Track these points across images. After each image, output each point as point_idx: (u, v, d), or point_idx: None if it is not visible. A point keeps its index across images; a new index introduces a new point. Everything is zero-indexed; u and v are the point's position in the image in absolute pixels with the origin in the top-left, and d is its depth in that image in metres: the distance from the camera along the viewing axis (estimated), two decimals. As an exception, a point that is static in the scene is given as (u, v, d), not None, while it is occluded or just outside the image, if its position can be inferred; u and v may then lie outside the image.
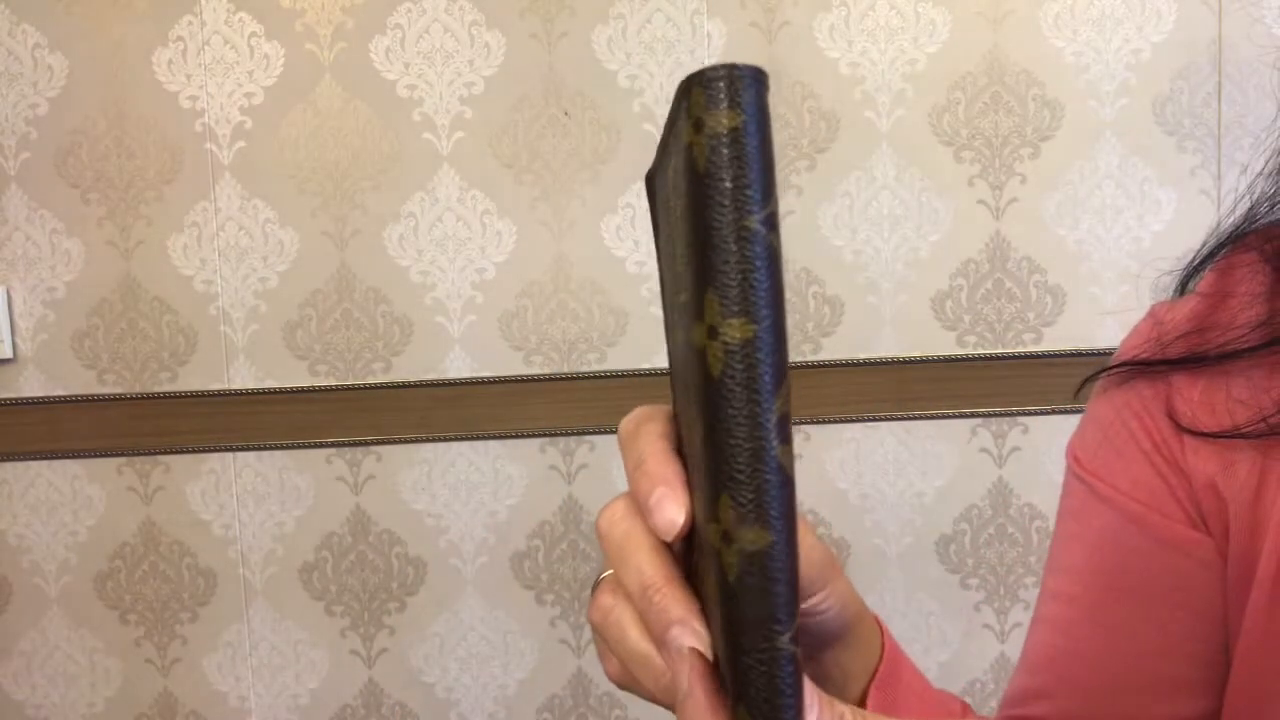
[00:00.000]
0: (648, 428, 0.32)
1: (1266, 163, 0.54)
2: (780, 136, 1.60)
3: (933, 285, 1.62)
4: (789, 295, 1.62)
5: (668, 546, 0.31)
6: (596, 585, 0.34)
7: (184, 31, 1.61)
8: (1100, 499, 0.55)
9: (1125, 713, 0.54)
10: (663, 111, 1.60)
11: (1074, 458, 0.57)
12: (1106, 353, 1.62)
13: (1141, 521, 0.53)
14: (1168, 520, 0.53)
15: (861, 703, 0.44)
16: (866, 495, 1.65)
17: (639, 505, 0.31)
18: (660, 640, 0.30)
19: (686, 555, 0.32)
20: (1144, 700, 0.54)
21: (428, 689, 1.70)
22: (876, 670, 0.44)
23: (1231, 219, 0.55)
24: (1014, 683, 0.60)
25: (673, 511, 0.30)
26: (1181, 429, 0.52)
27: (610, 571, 0.34)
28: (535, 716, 1.70)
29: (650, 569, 0.31)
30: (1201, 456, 0.52)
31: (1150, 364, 0.54)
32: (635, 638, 0.32)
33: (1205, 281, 0.55)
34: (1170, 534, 0.53)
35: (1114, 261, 1.61)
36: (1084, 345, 1.62)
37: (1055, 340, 1.63)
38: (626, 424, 0.33)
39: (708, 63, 1.59)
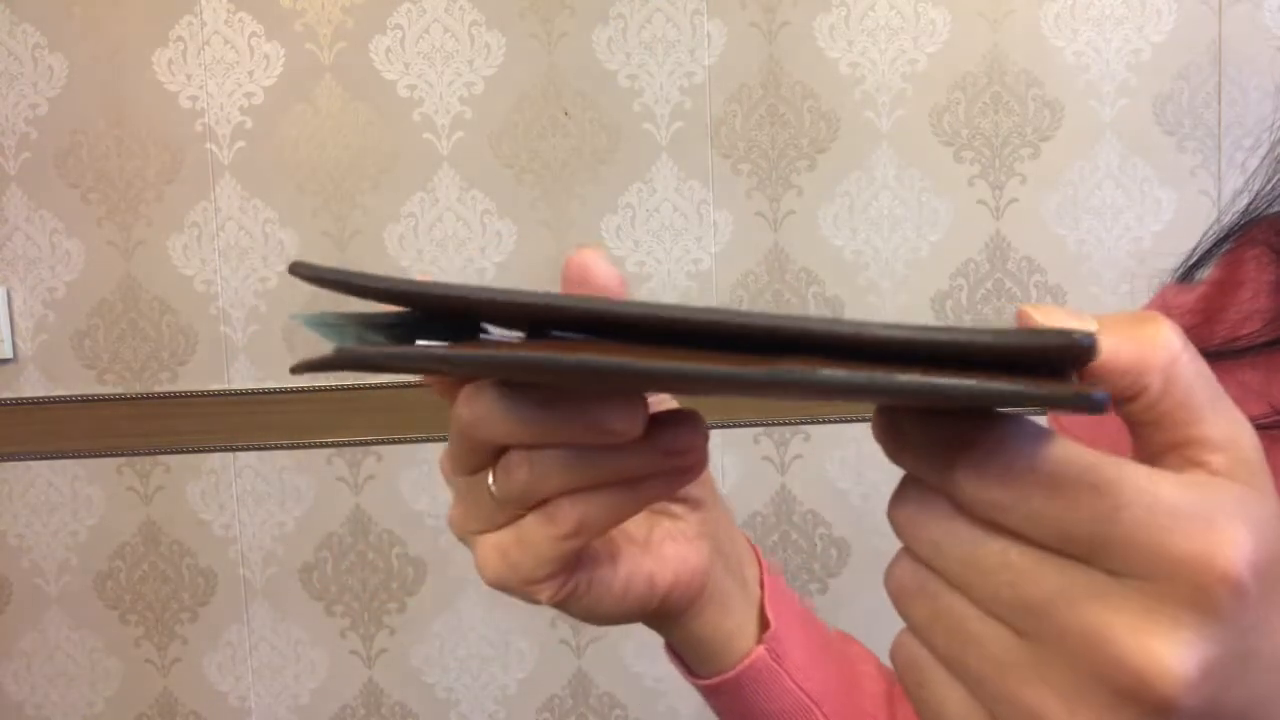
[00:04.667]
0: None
1: (1265, 156, 0.54)
2: (780, 136, 1.60)
3: (933, 285, 1.62)
4: (788, 296, 1.62)
5: None
6: None
7: (184, 31, 1.61)
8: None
9: None
10: (663, 111, 1.60)
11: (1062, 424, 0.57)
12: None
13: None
14: None
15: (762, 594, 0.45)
16: (867, 495, 1.65)
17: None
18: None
19: None
20: None
21: (428, 689, 1.70)
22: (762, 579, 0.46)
23: (1232, 213, 0.55)
24: None
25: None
26: None
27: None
28: (535, 716, 1.70)
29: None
30: None
31: None
32: None
33: (1214, 271, 0.54)
34: None
35: (1114, 261, 1.61)
36: (1084, 345, 1.62)
37: (1055, 340, 1.62)
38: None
39: (708, 63, 1.59)
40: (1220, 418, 0.25)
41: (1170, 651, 0.22)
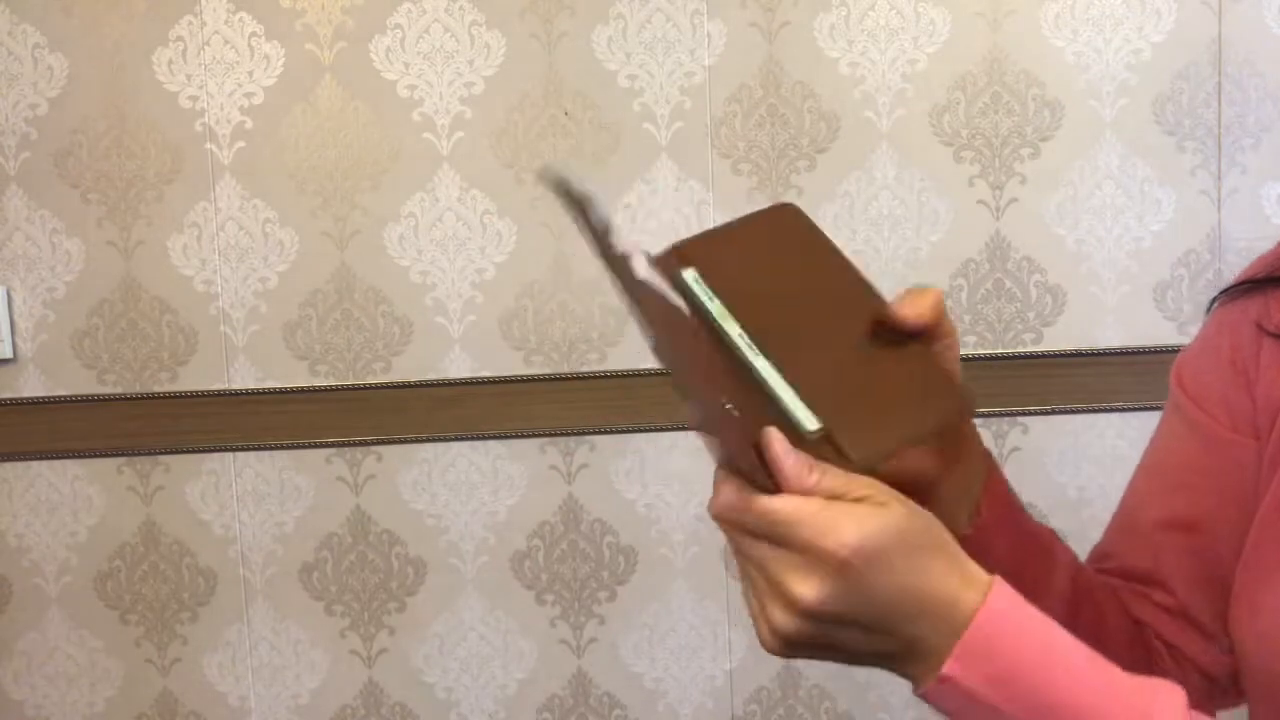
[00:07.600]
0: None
1: None
2: (780, 136, 1.60)
3: (933, 285, 1.62)
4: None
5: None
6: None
7: (184, 31, 1.61)
8: (1175, 407, 0.65)
9: (1150, 547, 0.65)
10: (663, 111, 1.60)
11: (1175, 373, 0.66)
12: (1107, 352, 1.62)
13: (1197, 425, 0.63)
14: (1215, 423, 0.62)
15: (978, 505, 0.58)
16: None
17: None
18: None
19: None
20: (1168, 536, 0.64)
21: (428, 689, 1.70)
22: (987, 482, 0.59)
23: None
24: (1095, 549, 0.71)
25: None
26: (1264, 332, 0.58)
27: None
28: (535, 716, 1.70)
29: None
30: (1275, 359, 0.58)
31: (1256, 281, 0.61)
32: None
33: None
34: (1218, 436, 0.62)
35: (1114, 261, 1.61)
36: (1084, 345, 1.62)
37: (1055, 340, 1.63)
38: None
39: (708, 63, 1.59)
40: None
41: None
